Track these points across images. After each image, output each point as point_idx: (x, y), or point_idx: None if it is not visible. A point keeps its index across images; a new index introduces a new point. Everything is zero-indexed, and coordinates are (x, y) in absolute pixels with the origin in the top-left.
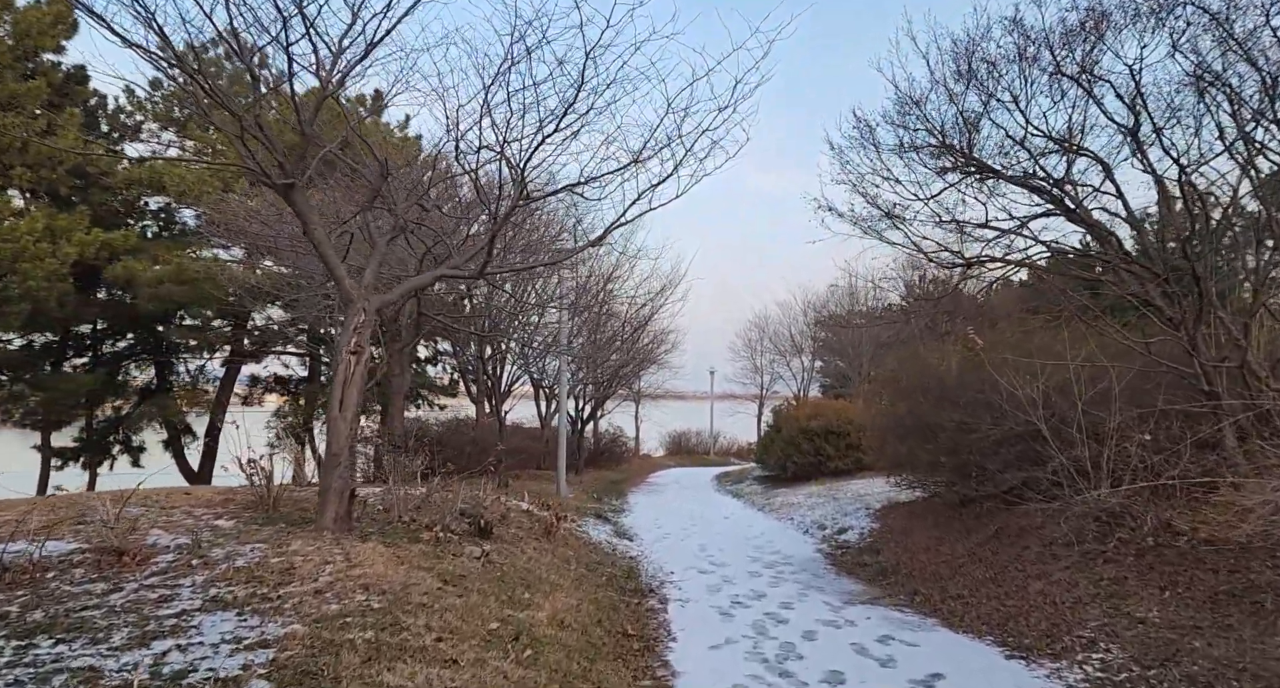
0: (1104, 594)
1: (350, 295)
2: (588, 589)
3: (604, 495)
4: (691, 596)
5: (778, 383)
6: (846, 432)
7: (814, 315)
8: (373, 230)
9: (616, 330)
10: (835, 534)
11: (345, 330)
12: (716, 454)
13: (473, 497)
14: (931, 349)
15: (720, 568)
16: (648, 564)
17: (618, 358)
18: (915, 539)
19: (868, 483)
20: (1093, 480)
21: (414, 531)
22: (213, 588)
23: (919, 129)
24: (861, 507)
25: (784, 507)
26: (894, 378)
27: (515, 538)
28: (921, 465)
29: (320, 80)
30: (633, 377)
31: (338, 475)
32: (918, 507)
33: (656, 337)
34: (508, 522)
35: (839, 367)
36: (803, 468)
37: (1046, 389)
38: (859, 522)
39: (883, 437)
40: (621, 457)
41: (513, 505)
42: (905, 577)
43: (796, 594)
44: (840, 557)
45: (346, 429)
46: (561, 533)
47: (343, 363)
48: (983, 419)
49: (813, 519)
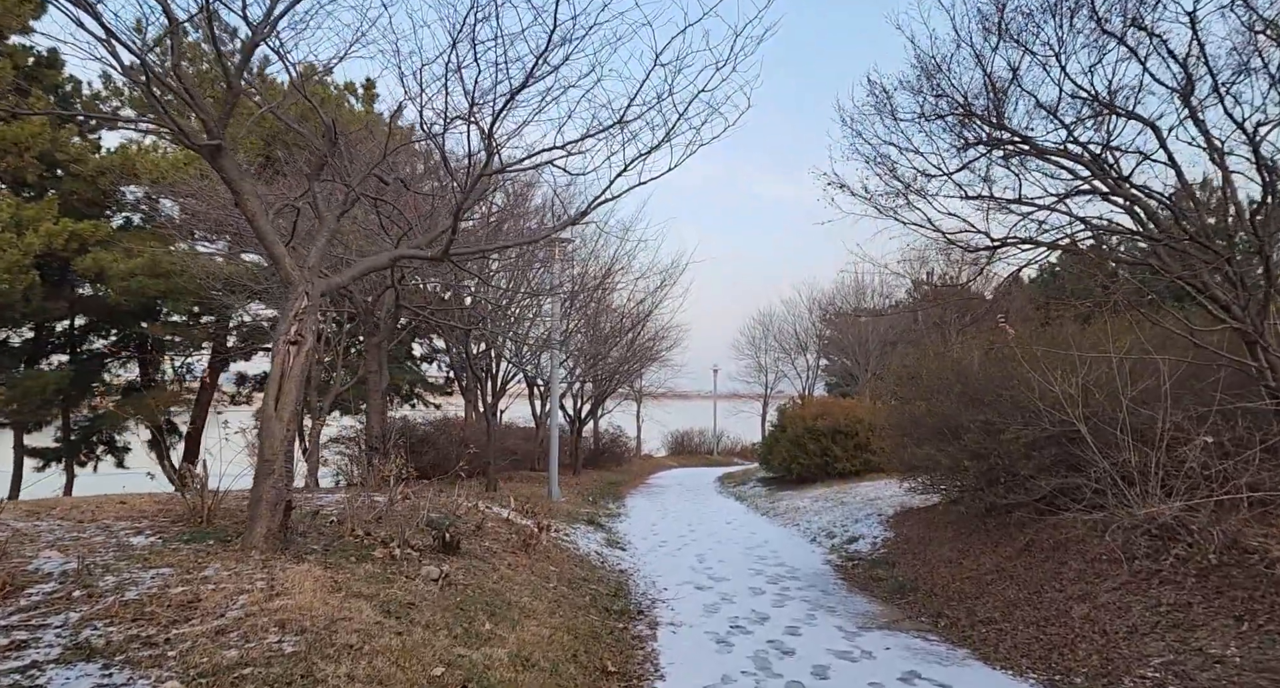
0: (1165, 624)
1: (290, 277)
2: (566, 614)
3: (600, 498)
4: (685, 618)
5: (782, 382)
6: (855, 432)
7: (820, 312)
8: (320, 204)
9: (615, 325)
10: (845, 544)
11: (283, 317)
12: (720, 454)
13: (447, 504)
14: (951, 344)
15: (719, 583)
16: (639, 579)
17: (617, 354)
18: (935, 551)
19: (878, 486)
20: (1140, 489)
21: (367, 547)
22: (87, 629)
23: (941, 95)
24: (873, 513)
25: (789, 512)
26: (912, 374)
27: (489, 553)
28: (942, 469)
29: (249, 25)
30: (634, 374)
31: (270, 485)
32: (936, 514)
33: (658, 332)
34: (483, 533)
35: (845, 365)
36: (808, 470)
37: (1086, 385)
38: (871, 530)
39: (899, 438)
40: (622, 457)
41: (492, 514)
42: (926, 595)
43: (804, 616)
44: (851, 570)
45: (282, 432)
46: (544, 545)
47: (279, 355)
48: (1013, 419)
49: (820, 526)
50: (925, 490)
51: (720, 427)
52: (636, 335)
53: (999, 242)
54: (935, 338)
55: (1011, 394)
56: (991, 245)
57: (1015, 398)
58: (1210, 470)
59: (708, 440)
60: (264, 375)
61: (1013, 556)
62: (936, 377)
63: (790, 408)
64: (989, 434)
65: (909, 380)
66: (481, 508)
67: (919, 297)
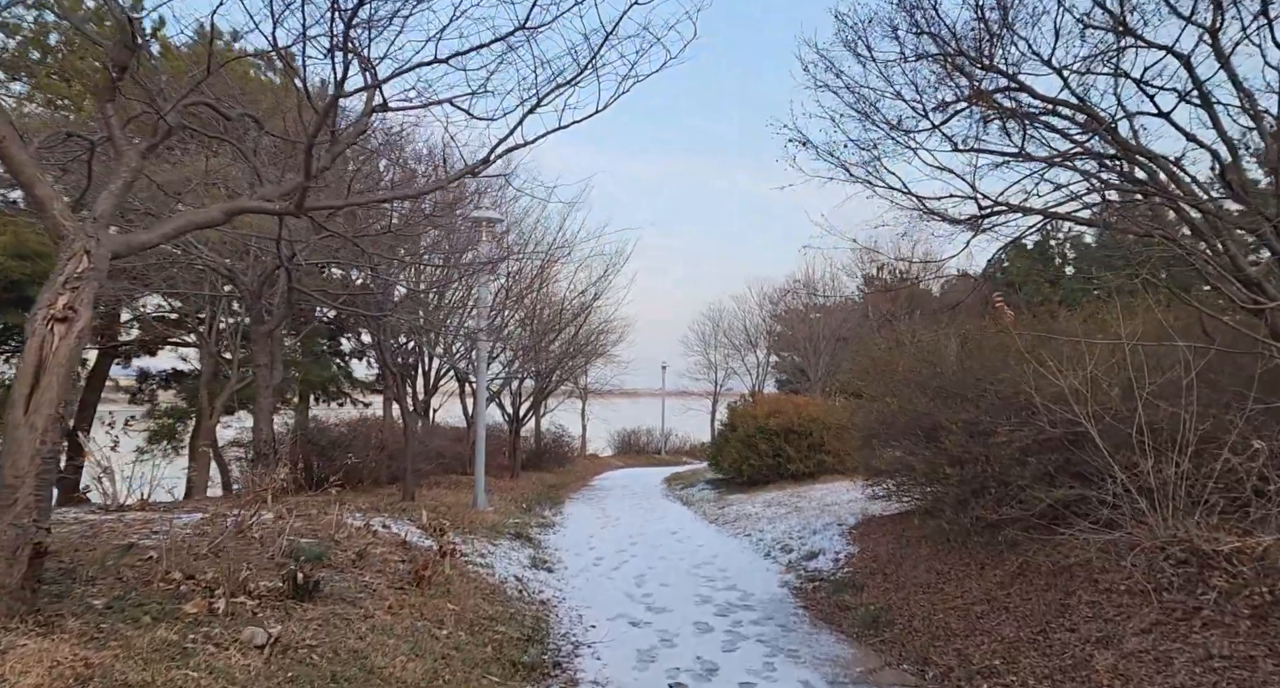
0: (1223, 682)
1: (60, 228)
2: (454, 678)
3: (536, 505)
4: (614, 673)
5: (732, 379)
6: (809, 431)
7: (770, 308)
8: (118, 136)
9: (555, 315)
10: (804, 559)
11: (49, 285)
12: (668, 454)
13: (328, 524)
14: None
15: (659, 616)
16: (564, 613)
17: (559, 348)
18: (909, 572)
19: (834, 489)
20: (1161, 503)
21: (181, 597)
22: None
23: (923, 32)
24: (832, 521)
25: (740, 520)
26: (880, 367)
27: (365, 591)
28: (917, 476)
29: None
30: (578, 370)
31: (8, 523)
32: (907, 526)
33: (601, 325)
34: (366, 563)
35: (795, 362)
36: (759, 471)
37: (1095, 376)
38: (832, 543)
39: (864, 439)
40: (565, 458)
41: (386, 535)
42: (906, 631)
43: (762, 666)
44: (813, 594)
45: (34, 445)
46: (446, 574)
47: (35, 337)
48: (1004, 419)
49: (774, 537)
50: (891, 496)
51: (669, 425)
52: (579, 328)
53: (989, 208)
54: (887, 334)
55: (998, 389)
56: (980, 214)
57: (1003, 393)
58: (1267, 481)
59: (656, 439)
60: (172, 372)
61: (1004, 582)
62: (909, 369)
63: (741, 406)
64: (974, 436)
65: (876, 374)
66: (374, 528)
67: (870, 292)
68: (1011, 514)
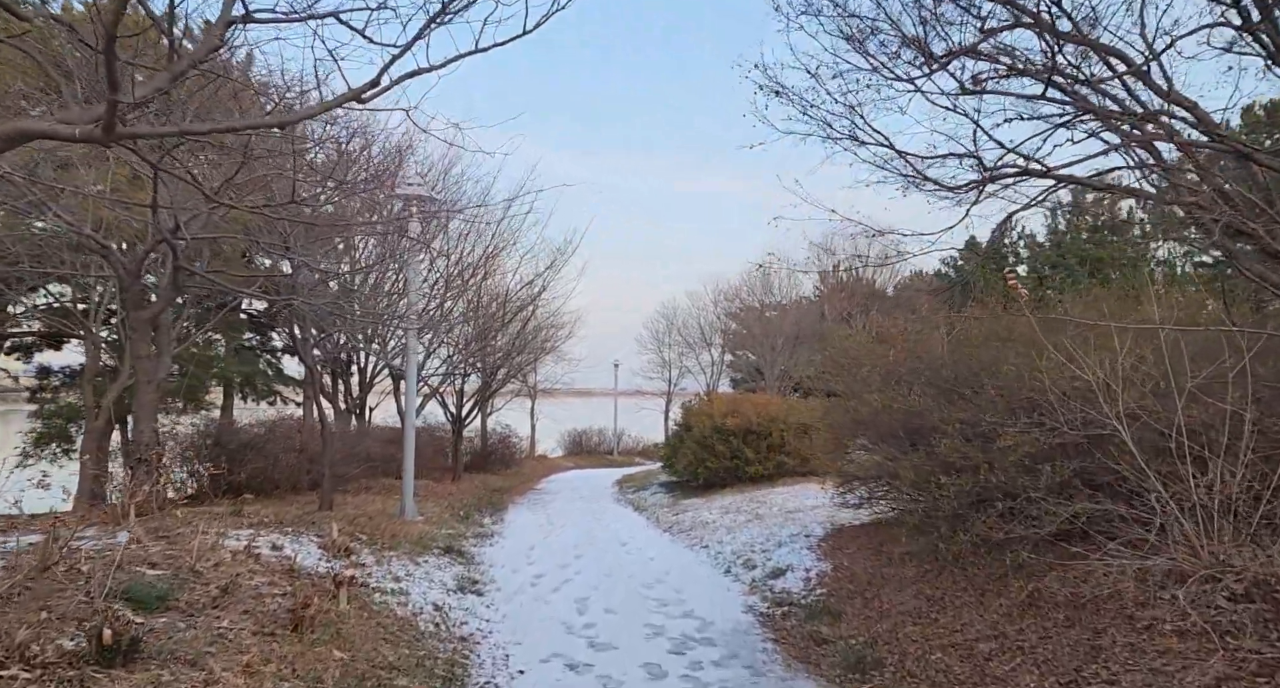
0: None
1: None
2: None
3: (475, 511)
4: None
5: (686, 378)
6: (768, 431)
7: (725, 306)
8: None
9: (500, 306)
10: (769, 578)
11: None
12: (620, 455)
13: (193, 549)
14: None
15: (602, 655)
16: (486, 653)
17: (505, 343)
18: (892, 595)
19: (796, 493)
20: (1207, 521)
21: None
22: None
23: None
24: (799, 532)
25: (696, 528)
26: (861, 359)
27: (217, 643)
28: (901, 484)
29: None
30: (526, 367)
31: None
32: (884, 538)
33: (549, 318)
34: (231, 599)
35: (750, 360)
36: (716, 474)
37: (1126, 369)
38: (800, 558)
39: (836, 440)
40: (512, 459)
41: (271, 561)
42: (899, 676)
43: None
44: (782, 621)
45: None
46: (337, 612)
47: None
48: (1010, 419)
49: (735, 549)
50: (864, 504)
51: (621, 425)
52: (526, 323)
53: (994, 171)
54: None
55: (1000, 383)
56: (984, 177)
57: (1006, 389)
58: None
59: (608, 440)
60: (79, 368)
61: (1012, 613)
62: (894, 362)
63: (696, 404)
64: (971, 439)
65: (850, 368)
66: (258, 550)
67: (826, 290)
68: (1019, 532)
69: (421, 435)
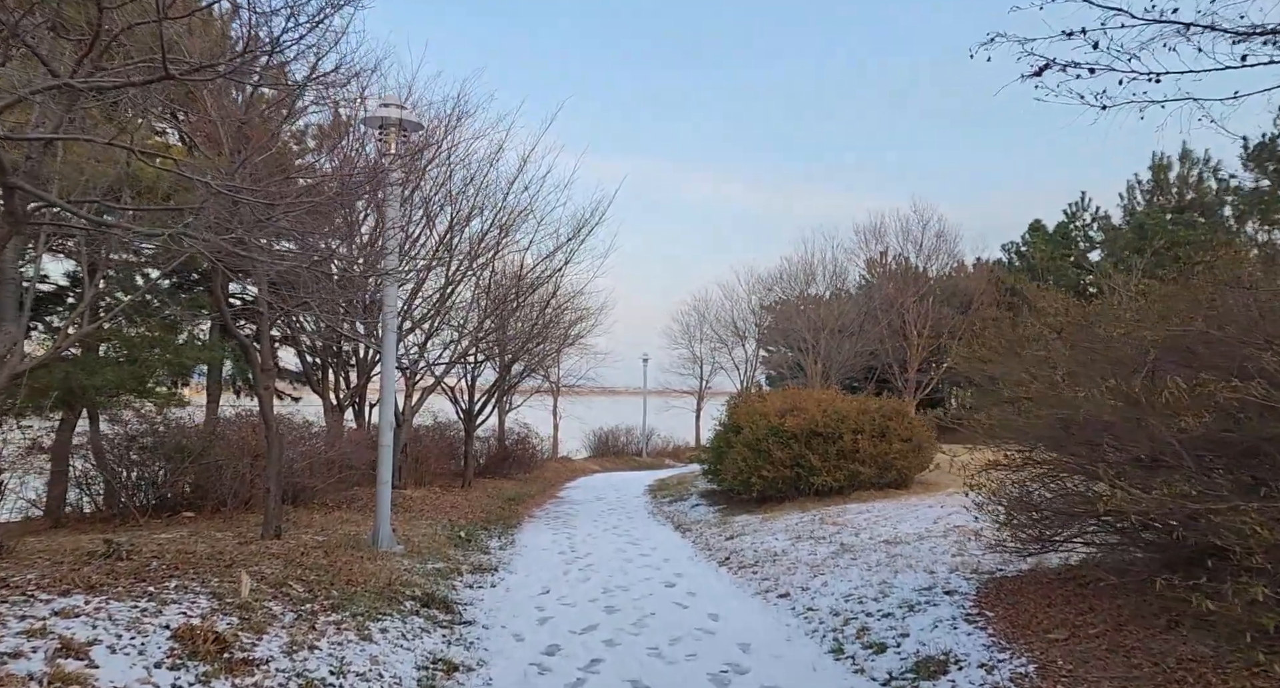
0: None
1: None
2: None
3: (480, 531)
4: None
5: (718, 375)
6: (838, 434)
7: (761, 298)
8: None
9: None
10: (915, 675)
11: None
12: (650, 457)
13: None
14: None
15: None
16: None
17: (522, 327)
18: None
19: (880, 512)
20: None
21: None
22: None
23: None
24: (928, 582)
25: (764, 561)
26: (1082, 330)
27: None
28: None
29: None
30: (548, 358)
31: None
32: (1111, 605)
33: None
34: None
35: (789, 356)
36: (773, 485)
37: None
38: (957, 637)
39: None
40: (532, 461)
41: (54, 669)
42: None
43: None
44: None
45: None
46: None
47: None
48: None
49: (833, 606)
50: (1046, 544)
51: (650, 424)
52: (546, 304)
53: None
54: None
55: None
56: None
57: None
58: None
59: (636, 440)
60: None
61: None
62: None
63: (745, 401)
64: None
65: (1050, 351)
66: (41, 650)
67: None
68: None
69: (428, 435)
